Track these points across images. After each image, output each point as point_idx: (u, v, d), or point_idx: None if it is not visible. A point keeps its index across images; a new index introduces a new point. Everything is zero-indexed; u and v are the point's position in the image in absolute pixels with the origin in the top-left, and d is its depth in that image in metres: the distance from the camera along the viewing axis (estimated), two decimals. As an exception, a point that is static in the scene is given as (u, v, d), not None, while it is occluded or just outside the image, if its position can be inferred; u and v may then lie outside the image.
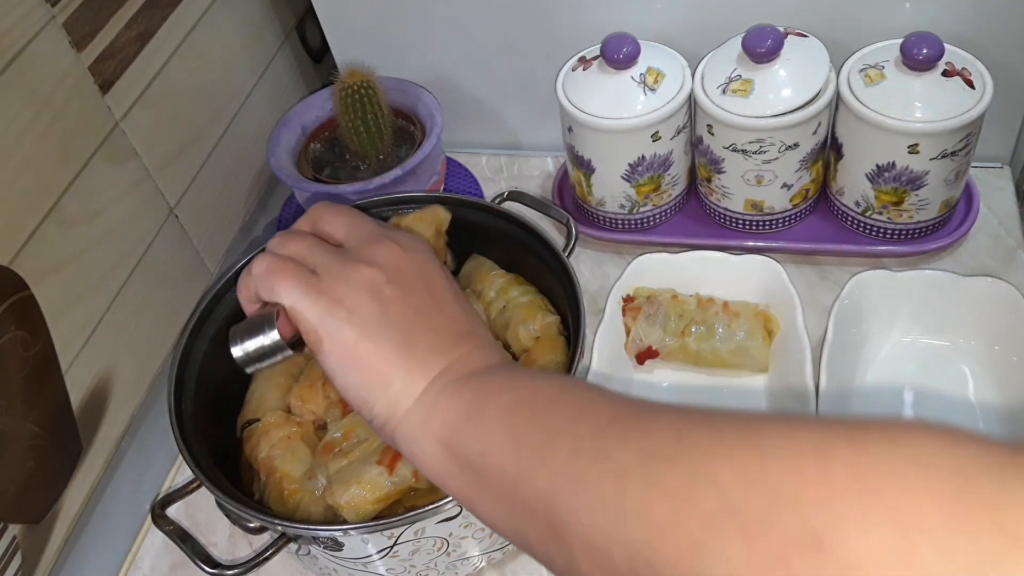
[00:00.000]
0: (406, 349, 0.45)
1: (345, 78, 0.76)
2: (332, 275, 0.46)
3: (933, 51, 0.67)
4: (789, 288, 0.69)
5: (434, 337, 0.46)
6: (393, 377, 0.44)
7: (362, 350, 0.45)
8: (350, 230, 0.50)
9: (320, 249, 0.48)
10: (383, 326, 0.45)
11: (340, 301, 0.45)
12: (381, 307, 0.45)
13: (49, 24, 0.60)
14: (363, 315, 0.45)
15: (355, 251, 0.48)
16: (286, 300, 0.46)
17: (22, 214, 0.58)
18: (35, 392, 0.59)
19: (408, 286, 0.47)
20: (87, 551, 0.66)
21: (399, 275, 0.47)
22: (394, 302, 0.46)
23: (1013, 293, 0.66)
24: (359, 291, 0.46)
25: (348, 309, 0.45)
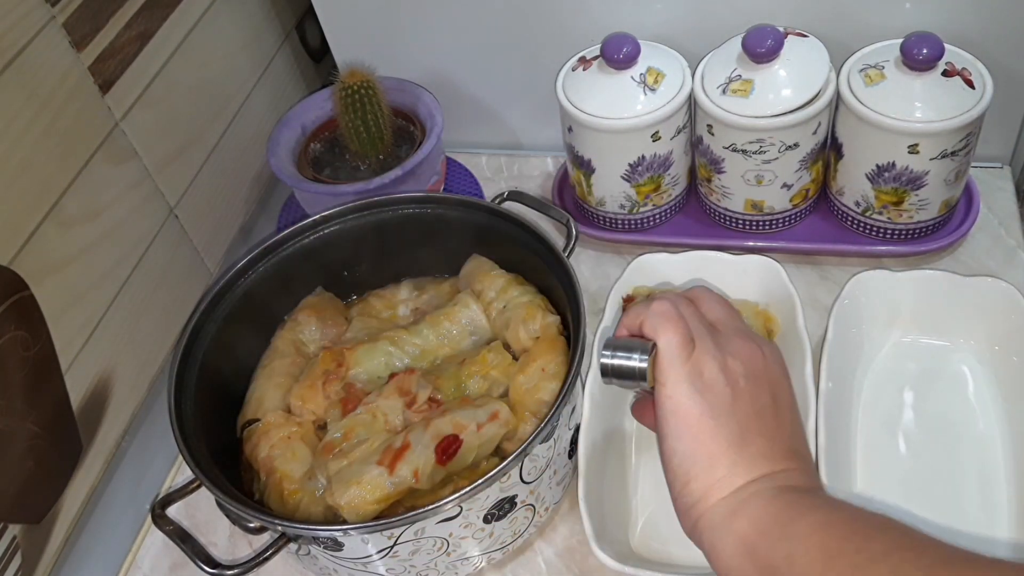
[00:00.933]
0: (740, 443, 0.48)
1: (345, 78, 0.76)
2: (704, 348, 0.50)
3: (933, 51, 0.67)
4: (789, 288, 0.69)
5: (766, 444, 0.48)
6: (721, 461, 0.47)
7: (703, 425, 0.48)
8: (725, 318, 0.55)
9: (702, 321, 0.53)
10: (727, 414, 0.48)
11: (701, 373, 0.49)
12: (731, 395, 0.49)
13: (49, 24, 0.60)
14: (715, 395, 0.49)
15: (726, 336, 0.52)
16: (664, 345, 0.50)
17: (22, 214, 0.58)
18: (35, 392, 0.59)
19: (758, 387, 0.50)
20: (87, 551, 0.66)
21: (754, 375, 0.51)
22: (743, 396, 0.49)
23: (1013, 293, 0.66)
24: (720, 374, 0.49)
25: (705, 383, 0.49)
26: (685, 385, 0.49)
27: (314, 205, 0.78)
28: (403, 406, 0.61)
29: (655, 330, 0.51)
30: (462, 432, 0.58)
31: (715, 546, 0.45)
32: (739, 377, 0.50)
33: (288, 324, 0.70)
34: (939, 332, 0.69)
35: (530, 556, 0.64)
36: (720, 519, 0.46)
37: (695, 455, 0.48)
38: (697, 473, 0.47)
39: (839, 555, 0.39)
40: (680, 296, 0.55)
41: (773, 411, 0.50)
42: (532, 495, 0.58)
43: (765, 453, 0.48)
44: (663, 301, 0.53)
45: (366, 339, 0.67)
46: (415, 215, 0.70)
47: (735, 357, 0.50)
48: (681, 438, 0.48)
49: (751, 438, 0.48)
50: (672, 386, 0.49)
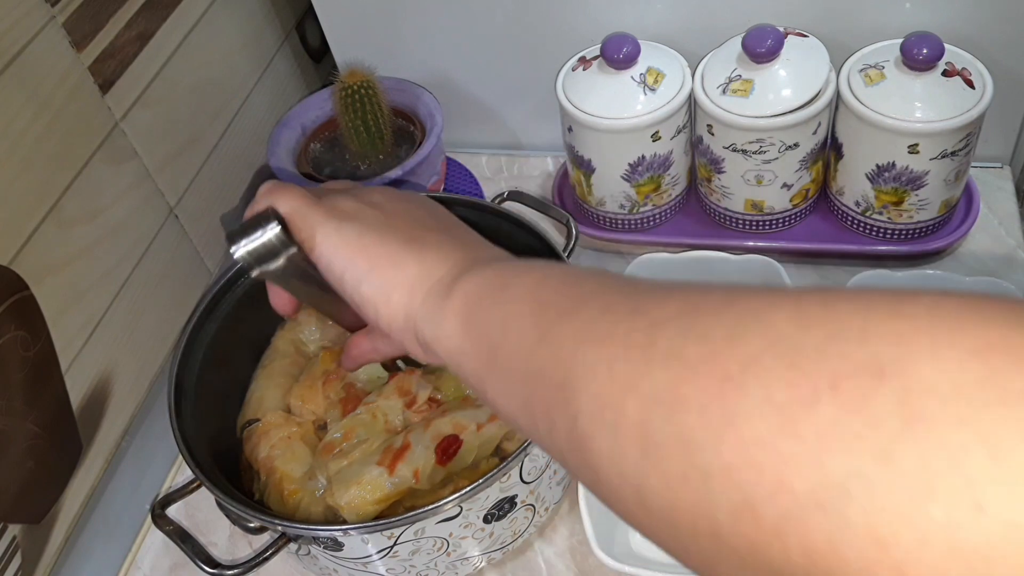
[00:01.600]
0: (415, 241, 0.43)
1: (345, 78, 0.76)
2: (332, 196, 0.46)
3: (933, 51, 0.67)
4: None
5: (445, 237, 0.44)
6: (406, 262, 0.42)
7: (367, 240, 0.43)
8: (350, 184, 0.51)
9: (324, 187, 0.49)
10: (387, 227, 0.44)
11: (338, 209, 0.45)
12: (383, 216, 0.44)
13: (49, 24, 0.60)
14: (364, 218, 0.44)
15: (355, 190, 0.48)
16: (283, 207, 0.45)
17: (22, 214, 0.58)
18: (35, 392, 0.59)
19: (414, 204, 0.47)
20: (87, 551, 0.66)
21: (403, 198, 0.47)
22: (396, 214, 0.45)
23: (1013, 293, 0.66)
24: (359, 203, 0.45)
25: (347, 215, 0.44)
26: (330, 223, 0.44)
27: (314, 205, 0.78)
28: (403, 406, 0.61)
29: (272, 200, 0.45)
30: (462, 432, 0.58)
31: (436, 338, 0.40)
32: (382, 202, 0.45)
33: (288, 324, 0.70)
34: (939, 332, 0.69)
35: (530, 556, 0.64)
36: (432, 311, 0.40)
37: (377, 268, 0.42)
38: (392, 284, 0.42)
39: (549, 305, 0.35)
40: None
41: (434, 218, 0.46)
42: (532, 495, 0.58)
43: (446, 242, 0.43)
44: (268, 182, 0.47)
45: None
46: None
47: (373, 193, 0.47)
48: (355, 264, 0.43)
49: (424, 237, 0.43)
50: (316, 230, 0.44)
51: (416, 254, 0.42)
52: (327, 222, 0.44)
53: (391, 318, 0.42)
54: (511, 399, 0.36)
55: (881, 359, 0.23)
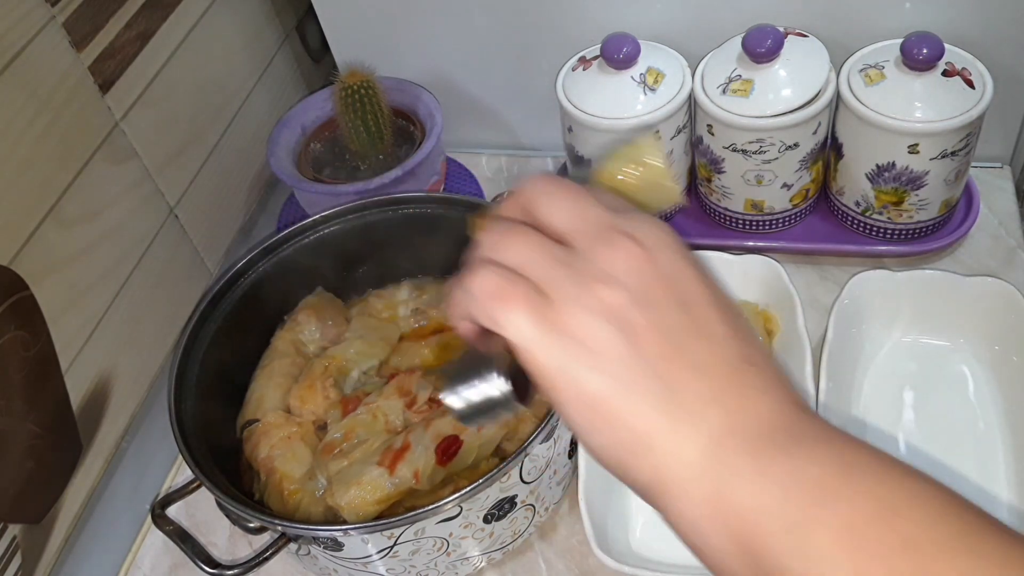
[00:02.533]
0: (668, 399, 0.35)
1: (345, 78, 0.76)
2: (565, 299, 0.36)
3: (933, 51, 0.67)
4: (789, 288, 0.69)
5: (701, 379, 0.35)
6: (655, 437, 0.35)
7: (614, 406, 0.35)
8: (574, 221, 0.38)
9: (546, 255, 0.37)
10: (635, 370, 0.35)
11: (582, 341, 0.35)
12: (629, 343, 0.35)
13: (49, 24, 0.60)
14: (610, 357, 0.35)
15: (587, 256, 0.37)
16: (514, 336, 0.36)
17: (22, 214, 0.58)
18: (35, 392, 0.59)
19: (658, 305, 0.36)
20: (87, 551, 0.66)
21: (646, 291, 0.36)
22: (644, 333, 0.35)
23: (1013, 293, 0.66)
24: (601, 322, 0.35)
25: (591, 350, 0.35)
26: (565, 365, 0.35)
27: (314, 205, 0.78)
28: (403, 406, 0.61)
29: (493, 321, 0.36)
30: (462, 433, 0.58)
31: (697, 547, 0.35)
32: (627, 310, 0.35)
33: (288, 324, 0.70)
34: (939, 332, 0.69)
35: (530, 556, 0.64)
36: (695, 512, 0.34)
37: (623, 443, 0.35)
38: (637, 462, 0.35)
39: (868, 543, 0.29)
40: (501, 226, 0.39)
41: (691, 325, 0.36)
42: (532, 495, 0.58)
43: (705, 393, 0.35)
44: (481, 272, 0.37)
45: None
46: (415, 215, 0.70)
47: (609, 282, 0.36)
48: (598, 431, 0.36)
49: (679, 383, 0.35)
50: (550, 377, 0.35)
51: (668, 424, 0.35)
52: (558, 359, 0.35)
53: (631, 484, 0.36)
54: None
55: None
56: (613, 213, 0.38)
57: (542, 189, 0.39)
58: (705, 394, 0.35)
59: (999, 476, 0.62)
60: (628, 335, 0.35)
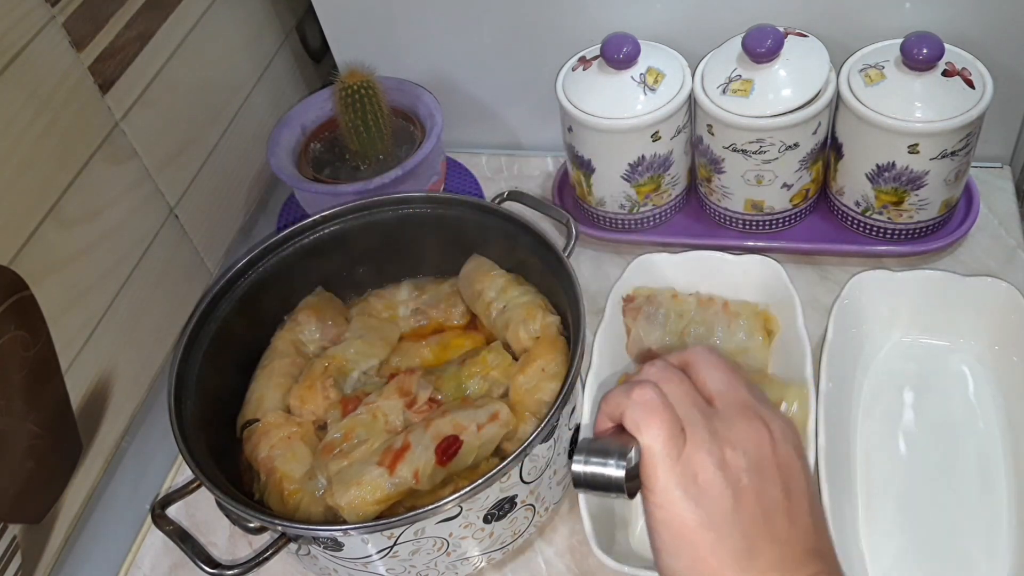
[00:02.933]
0: (746, 557, 0.41)
1: (345, 78, 0.76)
2: (698, 441, 0.43)
3: (933, 51, 0.67)
4: (789, 288, 0.69)
5: (778, 551, 0.42)
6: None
7: (700, 539, 0.42)
8: (725, 389, 0.46)
9: (695, 403, 0.45)
10: (729, 522, 0.42)
11: (695, 475, 0.42)
12: (733, 498, 0.42)
13: (49, 24, 0.60)
14: (712, 500, 0.42)
15: (725, 420, 0.45)
16: (648, 441, 0.43)
17: (22, 214, 0.58)
18: (35, 392, 0.59)
19: (766, 481, 0.43)
20: (87, 551, 0.66)
21: (760, 466, 0.43)
22: (747, 496, 0.42)
23: (1013, 293, 0.66)
24: (718, 472, 0.42)
25: (701, 489, 0.42)
26: (677, 492, 0.42)
27: (314, 205, 0.78)
28: (403, 406, 0.61)
29: (637, 425, 0.44)
30: (462, 433, 0.58)
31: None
32: (741, 473, 0.43)
33: (288, 324, 0.70)
34: (939, 332, 0.69)
35: (530, 556, 0.64)
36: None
37: (696, 573, 0.42)
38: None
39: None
40: (668, 366, 0.47)
41: (785, 508, 0.43)
42: (532, 495, 0.58)
43: (777, 563, 0.41)
44: (645, 387, 0.45)
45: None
46: (415, 215, 0.70)
47: (736, 447, 0.43)
48: (677, 555, 0.42)
49: (760, 547, 0.42)
50: (661, 494, 0.42)
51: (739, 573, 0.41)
52: (676, 490, 0.42)
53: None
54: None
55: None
56: (756, 398, 0.46)
57: (706, 356, 0.48)
58: (776, 563, 0.41)
59: (999, 476, 0.62)
60: (735, 491, 0.42)
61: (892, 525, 0.61)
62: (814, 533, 0.43)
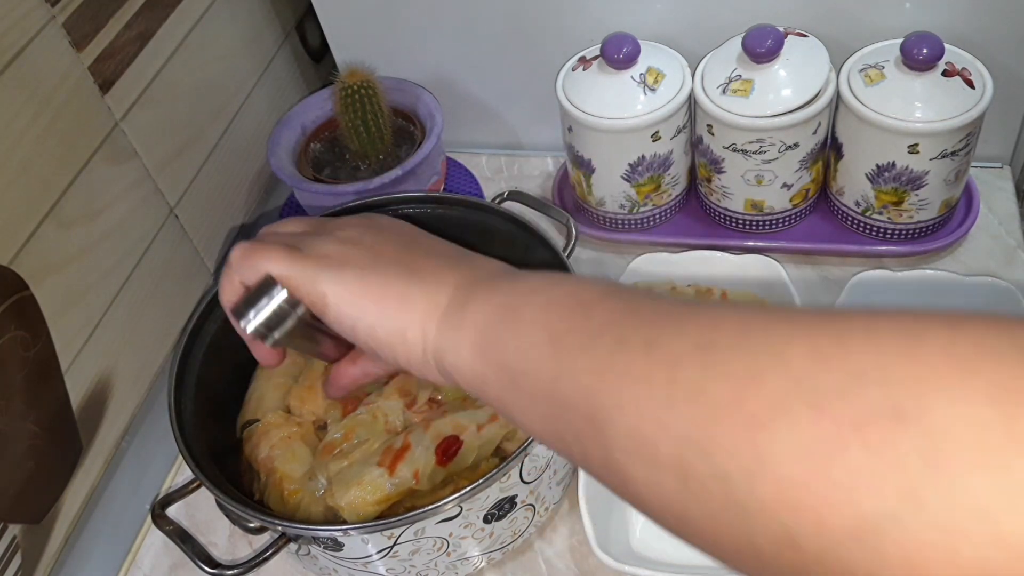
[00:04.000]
0: (414, 272, 0.43)
1: (345, 78, 0.76)
2: (311, 242, 0.46)
3: (933, 51, 0.67)
4: (789, 288, 0.69)
5: (437, 259, 0.45)
6: (413, 296, 0.42)
7: (370, 283, 0.43)
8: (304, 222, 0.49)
9: (292, 230, 0.48)
10: (380, 262, 0.44)
11: (328, 256, 0.44)
12: (370, 251, 0.45)
13: (49, 24, 0.60)
14: (356, 260, 0.44)
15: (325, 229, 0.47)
16: (274, 270, 0.45)
17: (22, 214, 0.58)
18: (35, 392, 0.59)
19: (388, 231, 0.47)
20: (87, 551, 0.66)
21: (375, 227, 0.47)
22: (380, 245, 0.45)
23: (1013, 293, 0.66)
24: (343, 245, 0.45)
25: (339, 260, 0.44)
26: (324, 275, 0.44)
27: (314, 205, 0.78)
28: (403, 407, 0.61)
29: (255, 269, 0.45)
30: (462, 433, 0.58)
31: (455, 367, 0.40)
32: (363, 236, 0.46)
33: (288, 324, 0.70)
34: (939, 332, 0.69)
35: (530, 556, 0.64)
36: (448, 341, 0.40)
37: (388, 311, 0.42)
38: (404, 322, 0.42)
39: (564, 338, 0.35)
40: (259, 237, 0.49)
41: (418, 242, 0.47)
42: (532, 495, 0.58)
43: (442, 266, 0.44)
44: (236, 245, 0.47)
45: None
46: (415, 215, 0.70)
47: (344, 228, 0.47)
48: (364, 310, 0.43)
49: (419, 264, 0.44)
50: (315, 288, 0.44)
51: (419, 286, 0.43)
52: (325, 273, 0.44)
53: (409, 355, 0.43)
54: (539, 423, 0.37)
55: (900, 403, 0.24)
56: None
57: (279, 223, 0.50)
58: (442, 266, 0.44)
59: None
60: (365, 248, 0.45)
61: (892, 525, 0.61)
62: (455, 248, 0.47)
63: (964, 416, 0.23)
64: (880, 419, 0.24)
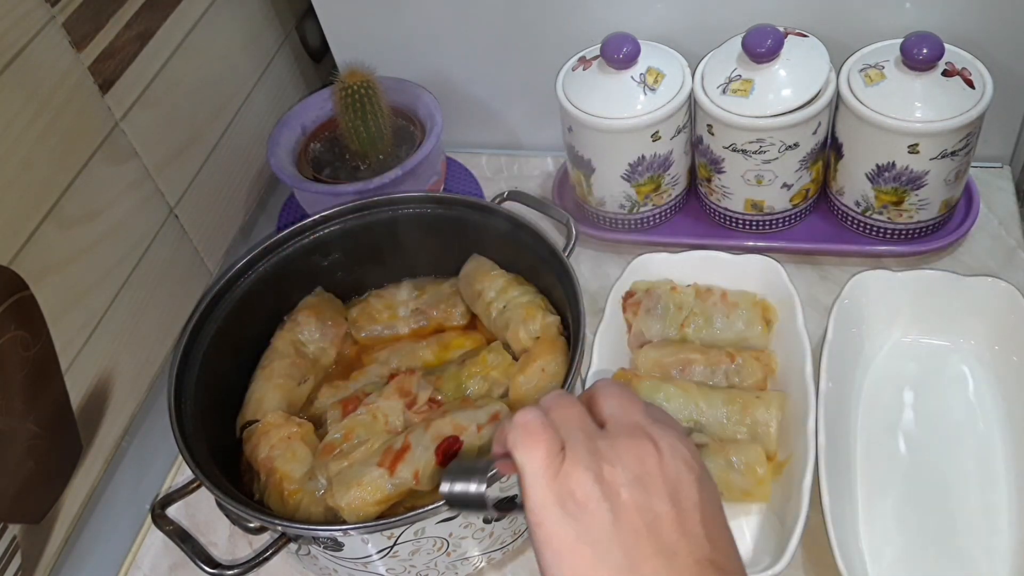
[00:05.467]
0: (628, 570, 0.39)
1: (345, 78, 0.76)
2: (575, 459, 0.42)
3: (933, 51, 0.67)
4: (789, 288, 0.69)
5: (664, 563, 0.40)
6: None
7: (580, 555, 0.40)
8: (617, 411, 0.45)
9: (580, 424, 0.44)
10: (608, 537, 0.40)
11: (572, 492, 0.41)
12: (611, 511, 0.40)
13: (49, 24, 0.60)
14: (590, 515, 0.40)
15: (611, 440, 0.43)
16: (522, 465, 0.42)
17: (22, 214, 0.58)
18: (35, 392, 0.59)
19: (650, 495, 0.41)
20: (87, 551, 0.66)
21: (643, 481, 0.41)
22: (627, 510, 0.40)
23: (1013, 293, 0.66)
24: (594, 486, 0.41)
25: (578, 503, 0.40)
26: (553, 509, 0.41)
27: (314, 205, 0.78)
28: (403, 407, 0.61)
29: (515, 445, 0.43)
30: (462, 433, 0.58)
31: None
32: (620, 487, 0.41)
33: (288, 324, 0.70)
34: (939, 332, 0.69)
35: (530, 556, 0.64)
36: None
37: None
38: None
39: None
40: (564, 395, 0.46)
41: (673, 519, 0.41)
42: (532, 495, 0.58)
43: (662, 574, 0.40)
44: (528, 410, 0.44)
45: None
46: (415, 215, 0.70)
47: (615, 462, 0.41)
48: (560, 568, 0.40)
49: (642, 560, 0.40)
50: (539, 512, 0.41)
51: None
52: (553, 507, 0.41)
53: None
54: None
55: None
56: (652, 419, 0.44)
57: (606, 385, 0.46)
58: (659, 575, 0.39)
59: (999, 476, 0.62)
60: (612, 505, 0.40)
61: (892, 525, 0.61)
62: (707, 543, 0.41)
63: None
64: None
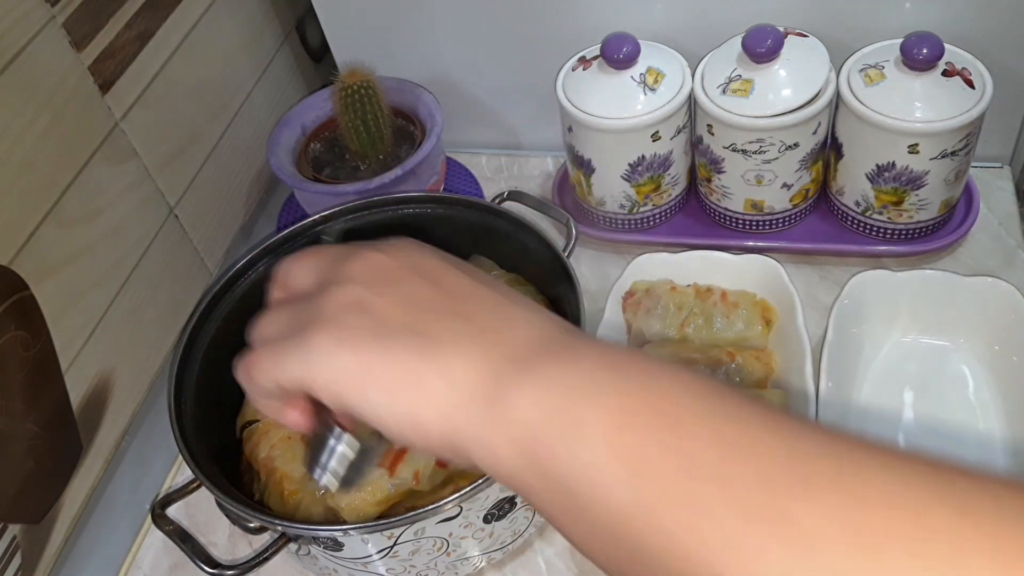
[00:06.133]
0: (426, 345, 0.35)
1: (345, 78, 0.76)
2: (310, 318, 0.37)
3: (933, 51, 0.67)
4: (789, 288, 0.69)
5: (461, 323, 0.36)
6: (425, 377, 0.35)
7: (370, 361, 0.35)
8: (315, 266, 0.41)
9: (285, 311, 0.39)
10: (383, 333, 0.36)
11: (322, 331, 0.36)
12: (370, 317, 0.36)
13: (49, 24, 0.60)
14: (362, 335, 0.36)
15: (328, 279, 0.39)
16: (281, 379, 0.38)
17: (22, 214, 0.58)
18: (35, 392, 0.59)
19: (397, 283, 0.38)
20: (87, 551, 0.66)
21: (381, 278, 0.38)
22: (384, 306, 0.37)
23: (1013, 293, 0.66)
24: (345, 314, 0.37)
25: (335, 335, 0.36)
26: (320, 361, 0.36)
27: (314, 205, 0.78)
28: (403, 406, 0.61)
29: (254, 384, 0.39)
30: (462, 432, 0.58)
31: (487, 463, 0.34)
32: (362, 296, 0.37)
33: (288, 324, 0.70)
34: (939, 332, 0.69)
35: (530, 556, 0.64)
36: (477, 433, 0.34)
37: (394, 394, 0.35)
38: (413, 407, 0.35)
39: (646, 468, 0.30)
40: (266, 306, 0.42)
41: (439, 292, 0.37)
42: (532, 495, 0.58)
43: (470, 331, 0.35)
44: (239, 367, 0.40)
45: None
46: (415, 215, 0.70)
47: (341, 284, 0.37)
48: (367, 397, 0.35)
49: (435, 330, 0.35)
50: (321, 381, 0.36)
51: (433, 362, 0.35)
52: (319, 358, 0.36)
53: (425, 439, 0.36)
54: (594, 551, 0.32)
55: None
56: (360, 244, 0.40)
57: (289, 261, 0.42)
58: (469, 332, 0.35)
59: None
60: (365, 312, 0.36)
61: (892, 525, 0.61)
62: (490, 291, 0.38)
63: None
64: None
